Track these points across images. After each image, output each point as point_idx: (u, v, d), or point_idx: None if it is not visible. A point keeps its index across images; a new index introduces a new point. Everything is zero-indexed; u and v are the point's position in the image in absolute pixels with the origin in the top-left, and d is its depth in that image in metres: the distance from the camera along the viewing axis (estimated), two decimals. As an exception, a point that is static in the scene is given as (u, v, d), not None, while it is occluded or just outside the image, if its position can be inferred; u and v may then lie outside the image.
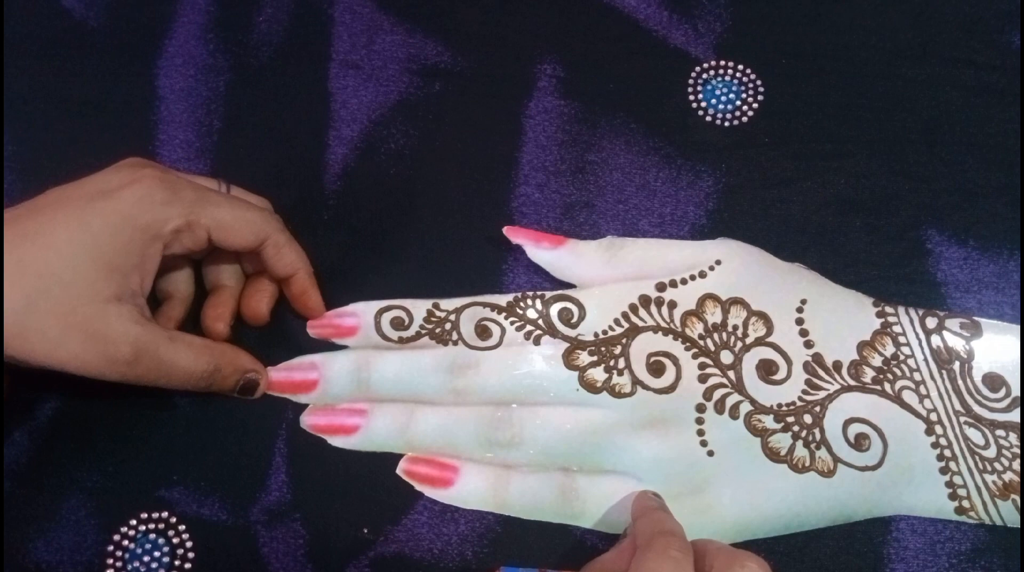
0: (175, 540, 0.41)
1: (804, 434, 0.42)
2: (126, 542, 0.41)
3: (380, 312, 0.44)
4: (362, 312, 0.45)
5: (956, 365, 0.43)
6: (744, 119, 0.47)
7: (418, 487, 0.42)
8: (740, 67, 0.48)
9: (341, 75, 0.48)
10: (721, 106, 0.47)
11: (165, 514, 0.42)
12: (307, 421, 0.43)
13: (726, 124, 0.47)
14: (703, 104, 0.48)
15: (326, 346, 0.44)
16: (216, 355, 0.41)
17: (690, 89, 0.48)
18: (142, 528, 0.42)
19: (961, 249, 0.45)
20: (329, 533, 0.41)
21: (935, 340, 0.43)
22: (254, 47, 0.49)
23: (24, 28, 0.49)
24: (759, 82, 0.48)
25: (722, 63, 0.48)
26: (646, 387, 0.43)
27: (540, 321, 0.44)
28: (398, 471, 0.42)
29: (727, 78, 0.48)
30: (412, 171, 0.47)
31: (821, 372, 0.43)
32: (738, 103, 0.47)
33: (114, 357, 0.38)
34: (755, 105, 0.47)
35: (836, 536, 0.41)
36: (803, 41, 0.48)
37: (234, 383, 0.42)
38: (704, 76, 0.48)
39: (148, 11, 0.50)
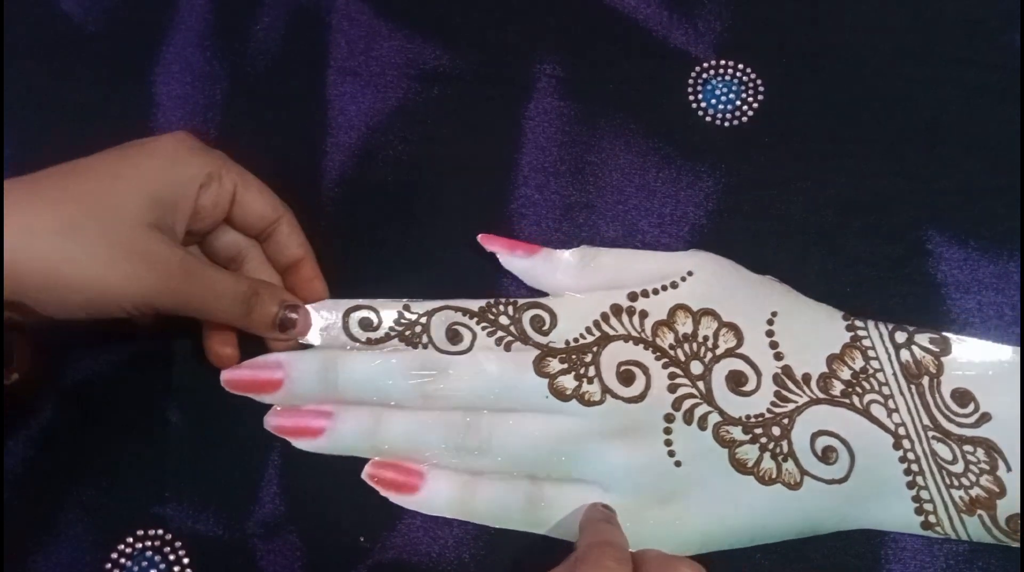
0: (171, 557, 0.42)
1: (772, 446, 0.42)
2: (123, 560, 0.42)
3: (348, 311, 0.44)
4: (329, 310, 0.44)
5: (925, 380, 0.43)
6: (744, 119, 0.47)
7: (383, 492, 0.42)
8: (740, 67, 0.48)
9: (339, 82, 0.48)
10: (721, 106, 0.47)
11: (161, 531, 0.42)
12: (271, 422, 0.42)
13: (726, 124, 0.47)
14: (703, 104, 0.47)
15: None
16: (252, 280, 0.41)
17: (690, 89, 0.48)
18: (139, 546, 0.42)
19: (961, 250, 0.44)
20: (326, 544, 0.42)
21: (904, 354, 0.43)
22: (252, 55, 0.49)
23: (22, 30, 0.49)
24: (759, 82, 0.47)
25: (722, 63, 0.48)
26: (615, 396, 0.43)
27: (512, 327, 0.44)
28: (363, 475, 0.42)
29: (727, 78, 0.48)
30: (411, 176, 0.47)
31: (790, 384, 0.43)
32: (738, 103, 0.47)
33: (166, 274, 0.37)
34: (755, 105, 0.47)
35: (834, 536, 0.41)
36: (803, 41, 0.48)
37: (275, 313, 0.41)
38: (704, 76, 0.48)
39: (147, 16, 0.50)
